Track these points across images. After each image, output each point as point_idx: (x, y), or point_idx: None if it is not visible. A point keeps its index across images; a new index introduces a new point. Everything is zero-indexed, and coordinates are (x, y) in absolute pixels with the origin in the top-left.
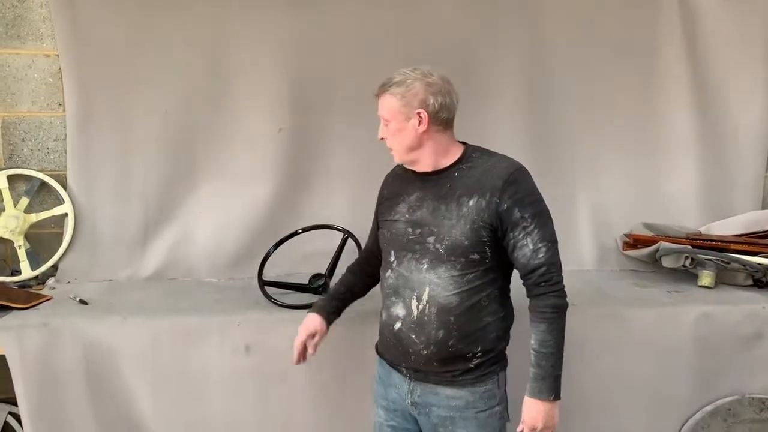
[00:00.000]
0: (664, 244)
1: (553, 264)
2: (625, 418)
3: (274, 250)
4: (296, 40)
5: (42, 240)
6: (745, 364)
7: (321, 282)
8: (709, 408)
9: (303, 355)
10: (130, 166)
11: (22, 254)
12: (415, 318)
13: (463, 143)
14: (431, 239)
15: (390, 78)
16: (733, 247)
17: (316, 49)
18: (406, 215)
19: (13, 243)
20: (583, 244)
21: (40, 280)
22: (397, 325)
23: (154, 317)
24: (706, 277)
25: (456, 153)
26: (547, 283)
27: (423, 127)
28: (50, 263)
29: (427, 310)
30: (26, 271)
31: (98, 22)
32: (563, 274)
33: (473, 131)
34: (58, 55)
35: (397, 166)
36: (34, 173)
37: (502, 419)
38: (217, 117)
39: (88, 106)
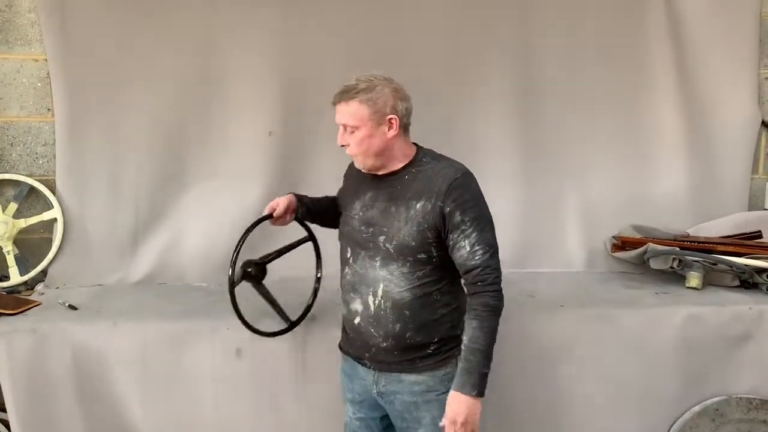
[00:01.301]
0: (652, 246)
1: (489, 266)
2: (614, 418)
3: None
4: (286, 43)
5: (31, 245)
6: (733, 364)
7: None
8: (697, 408)
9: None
10: (120, 170)
11: (10, 260)
12: (373, 313)
13: (415, 145)
14: (382, 238)
15: (352, 85)
16: (720, 248)
17: (306, 52)
18: (360, 213)
19: (2, 248)
20: (572, 246)
21: (29, 285)
22: (357, 320)
23: (144, 322)
24: (693, 279)
25: (408, 156)
26: (483, 282)
27: (393, 132)
28: (39, 268)
29: (382, 305)
30: (15, 277)
31: (87, 27)
32: (501, 277)
33: (463, 134)
34: (46, 60)
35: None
36: (22, 178)
37: None
38: (207, 121)
39: (76, 110)
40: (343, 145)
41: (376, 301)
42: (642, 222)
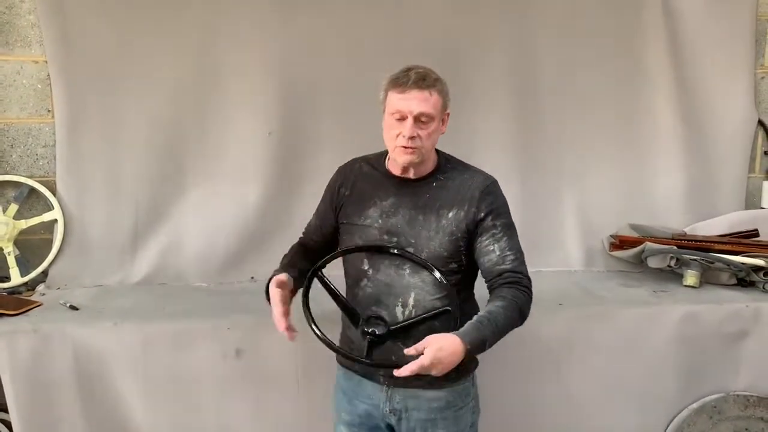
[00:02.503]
0: (649, 245)
1: (522, 273)
2: (612, 416)
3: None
4: (285, 43)
5: (32, 246)
6: (730, 362)
7: (378, 331)
8: (695, 405)
9: (289, 326)
10: (120, 171)
11: (11, 261)
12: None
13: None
14: (409, 249)
15: (427, 73)
16: (718, 247)
17: (305, 52)
18: (379, 221)
19: (3, 249)
20: (570, 245)
21: (30, 286)
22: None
23: (144, 322)
24: (691, 277)
25: (434, 159)
26: (518, 284)
27: (444, 129)
28: (40, 269)
29: (414, 314)
30: (16, 278)
31: (87, 29)
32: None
33: (460, 133)
34: (46, 62)
35: (359, 162)
36: (23, 179)
37: (475, 413)
38: (206, 121)
39: (76, 112)
40: (411, 137)
41: (407, 311)
42: (640, 221)
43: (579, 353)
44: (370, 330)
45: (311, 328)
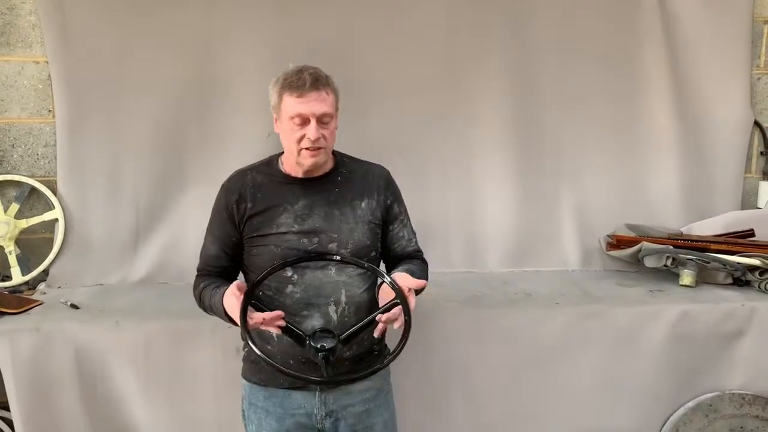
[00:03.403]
0: (646, 245)
1: (421, 250)
2: (608, 414)
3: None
4: (285, 44)
5: (32, 245)
6: (725, 361)
7: (328, 345)
8: (690, 404)
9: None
10: (120, 170)
11: (12, 260)
12: (337, 323)
13: None
14: (333, 246)
15: (318, 72)
16: (714, 246)
17: (304, 54)
18: (295, 226)
19: (4, 249)
20: (568, 244)
21: (31, 285)
22: None
23: (145, 321)
24: (687, 277)
25: (330, 157)
26: (423, 259)
27: (337, 123)
28: (41, 268)
29: (346, 311)
30: (17, 277)
31: (87, 29)
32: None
33: (459, 133)
34: (47, 62)
35: (249, 173)
36: (24, 179)
37: (392, 393)
38: (206, 122)
39: (77, 112)
40: (316, 139)
41: (340, 309)
42: (636, 221)
43: (575, 352)
44: (319, 345)
45: (261, 357)
